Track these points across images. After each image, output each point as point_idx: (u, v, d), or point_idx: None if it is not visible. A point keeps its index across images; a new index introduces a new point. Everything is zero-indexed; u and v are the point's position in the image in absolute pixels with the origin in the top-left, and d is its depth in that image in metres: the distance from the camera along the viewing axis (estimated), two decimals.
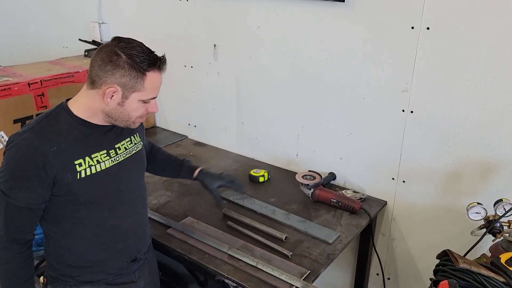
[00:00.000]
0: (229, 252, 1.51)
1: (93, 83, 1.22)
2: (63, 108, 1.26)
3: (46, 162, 1.18)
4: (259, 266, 1.44)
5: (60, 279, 1.37)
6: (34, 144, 1.18)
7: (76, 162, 1.24)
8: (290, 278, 1.38)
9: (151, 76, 1.22)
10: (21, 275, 1.29)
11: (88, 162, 1.26)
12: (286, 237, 1.59)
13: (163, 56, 1.26)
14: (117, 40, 1.22)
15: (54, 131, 1.22)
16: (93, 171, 1.27)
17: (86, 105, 1.25)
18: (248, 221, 1.68)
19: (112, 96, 1.21)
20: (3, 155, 1.20)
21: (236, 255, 1.49)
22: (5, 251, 1.24)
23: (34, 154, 1.18)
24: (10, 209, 1.21)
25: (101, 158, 1.30)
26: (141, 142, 1.45)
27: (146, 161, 1.49)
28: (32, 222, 1.26)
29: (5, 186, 1.19)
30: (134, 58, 1.19)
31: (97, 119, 1.28)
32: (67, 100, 1.30)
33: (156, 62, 1.23)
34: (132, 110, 1.25)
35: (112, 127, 1.33)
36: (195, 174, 1.64)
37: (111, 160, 1.32)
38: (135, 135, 1.41)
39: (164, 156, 1.69)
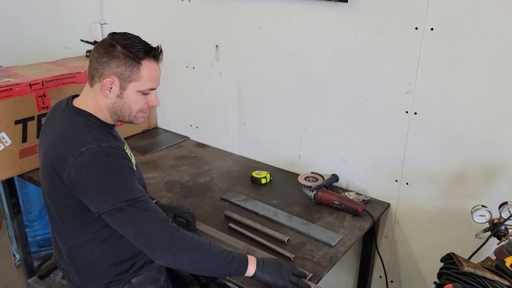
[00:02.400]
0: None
1: (92, 79, 1.25)
2: (87, 114, 1.26)
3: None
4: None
5: (112, 282, 1.37)
6: (113, 145, 1.20)
7: (129, 158, 1.28)
8: None
9: (147, 65, 1.23)
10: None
11: (130, 155, 1.31)
12: (288, 239, 1.58)
13: (158, 46, 1.27)
14: (113, 34, 1.25)
15: (103, 136, 1.23)
16: (134, 162, 1.32)
17: (97, 107, 1.27)
18: (250, 223, 1.67)
19: (111, 88, 1.23)
20: (81, 178, 1.15)
21: None
22: (182, 236, 1.19)
23: (118, 152, 1.20)
24: (149, 206, 1.19)
25: (130, 151, 1.36)
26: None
27: None
28: None
29: (128, 194, 1.15)
30: (129, 48, 1.21)
31: (109, 120, 1.32)
32: (68, 101, 1.30)
33: (151, 51, 1.24)
34: (132, 102, 1.27)
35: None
36: None
37: (130, 151, 1.39)
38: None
39: None
